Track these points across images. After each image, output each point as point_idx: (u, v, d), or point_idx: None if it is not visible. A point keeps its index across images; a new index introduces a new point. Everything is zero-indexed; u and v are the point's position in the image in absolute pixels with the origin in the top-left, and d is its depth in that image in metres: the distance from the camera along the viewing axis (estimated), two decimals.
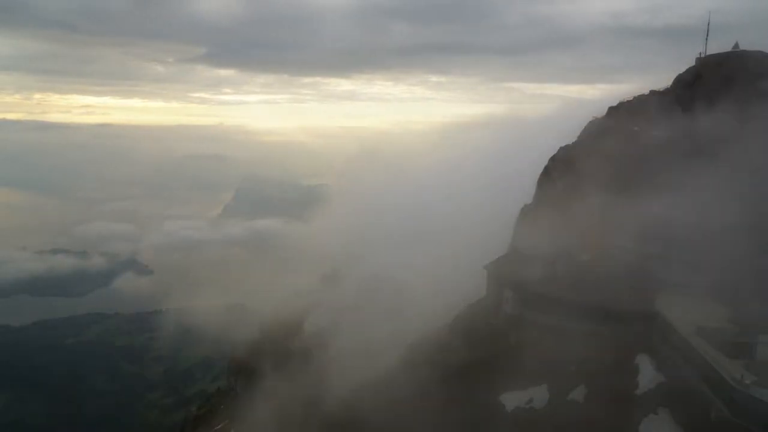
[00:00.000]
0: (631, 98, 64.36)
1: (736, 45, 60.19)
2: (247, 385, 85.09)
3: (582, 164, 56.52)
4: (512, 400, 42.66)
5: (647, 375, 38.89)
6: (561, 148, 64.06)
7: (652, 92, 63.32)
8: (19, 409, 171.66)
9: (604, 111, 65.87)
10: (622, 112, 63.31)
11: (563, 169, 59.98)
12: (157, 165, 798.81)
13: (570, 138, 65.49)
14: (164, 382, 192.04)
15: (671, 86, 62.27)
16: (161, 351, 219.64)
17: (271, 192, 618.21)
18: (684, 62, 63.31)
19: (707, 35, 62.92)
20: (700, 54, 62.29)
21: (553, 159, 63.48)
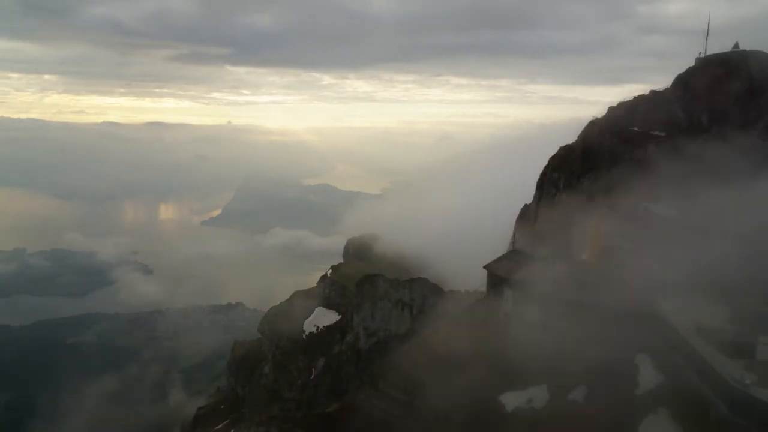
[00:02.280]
0: (631, 98, 64.44)
1: (736, 45, 60.19)
2: (247, 384, 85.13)
3: (582, 164, 56.61)
4: (512, 400, 42.57)
5: (647, 375, 38.83)
6: (561, 148, 64.22)
7: (652, 92, 63.39)
8: (20, 409, 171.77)
9: (604, 111, 66.00)
10: (621, 111, 63.37)
11: (563, 168, 60.04)
12: (159, 165, 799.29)
13: (570, 138, 65.64)
14: (164, 382, 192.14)
15: (671, 86, 62.31)
16: (161, 351, 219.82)
17: (271, 192, 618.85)
18: (684, 62, 63.53)
19: (707, 35, 62.99)
20: (700, 54, 62.32)
21: (553, 159, 63.57)
